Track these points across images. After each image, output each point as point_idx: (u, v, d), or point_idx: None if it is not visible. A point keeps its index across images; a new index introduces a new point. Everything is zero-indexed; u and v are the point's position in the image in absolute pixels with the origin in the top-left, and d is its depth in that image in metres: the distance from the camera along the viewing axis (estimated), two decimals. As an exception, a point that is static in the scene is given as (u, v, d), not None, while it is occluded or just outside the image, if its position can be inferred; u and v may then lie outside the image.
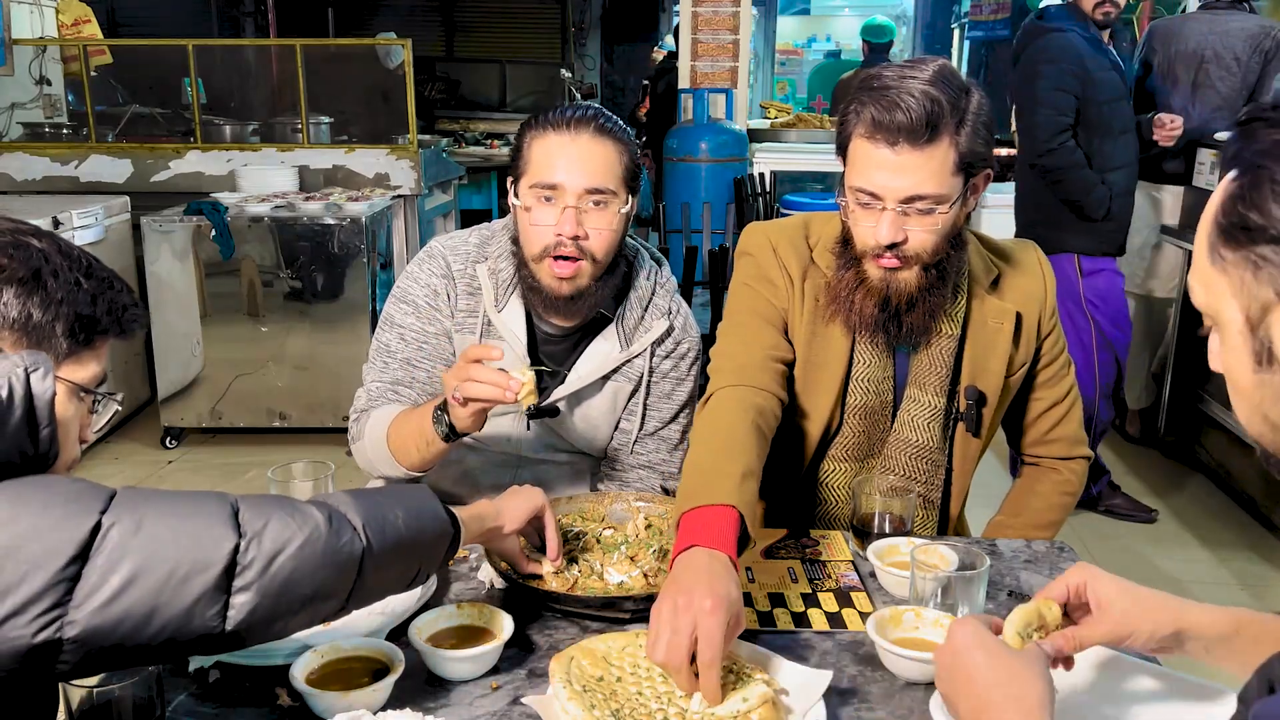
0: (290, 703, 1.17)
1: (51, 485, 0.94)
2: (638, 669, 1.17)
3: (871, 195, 1.47)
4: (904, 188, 1.45)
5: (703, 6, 6.09)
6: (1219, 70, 3.83)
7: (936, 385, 1.62)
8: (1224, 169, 0.79)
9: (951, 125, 1.44)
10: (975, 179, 1.51)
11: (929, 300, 1.54)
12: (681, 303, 1.84)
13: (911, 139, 1.43)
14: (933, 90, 1.42)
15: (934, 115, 1.42)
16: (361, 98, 5.75)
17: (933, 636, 1.26)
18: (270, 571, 0.97)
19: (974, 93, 1.47)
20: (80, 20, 5.50)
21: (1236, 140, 0.78)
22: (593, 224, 1.62)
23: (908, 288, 1.52)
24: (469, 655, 1.21)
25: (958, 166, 1.46)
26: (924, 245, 1.49)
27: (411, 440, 1.63)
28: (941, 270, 1.53)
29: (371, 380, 1.77)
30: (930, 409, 1.63)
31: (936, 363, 1.62)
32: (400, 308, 1.78)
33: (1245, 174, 0.75)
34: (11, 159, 4.74)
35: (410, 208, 4.77)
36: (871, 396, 1.64)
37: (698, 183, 5.70)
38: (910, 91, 1.42)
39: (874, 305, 1.54)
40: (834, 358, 1.62)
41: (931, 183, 1.45)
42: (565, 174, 1.60)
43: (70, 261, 1.08)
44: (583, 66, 10.75)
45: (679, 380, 1.82)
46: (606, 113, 1.68)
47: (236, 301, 4.20)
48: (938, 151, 1.44)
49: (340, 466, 1.62)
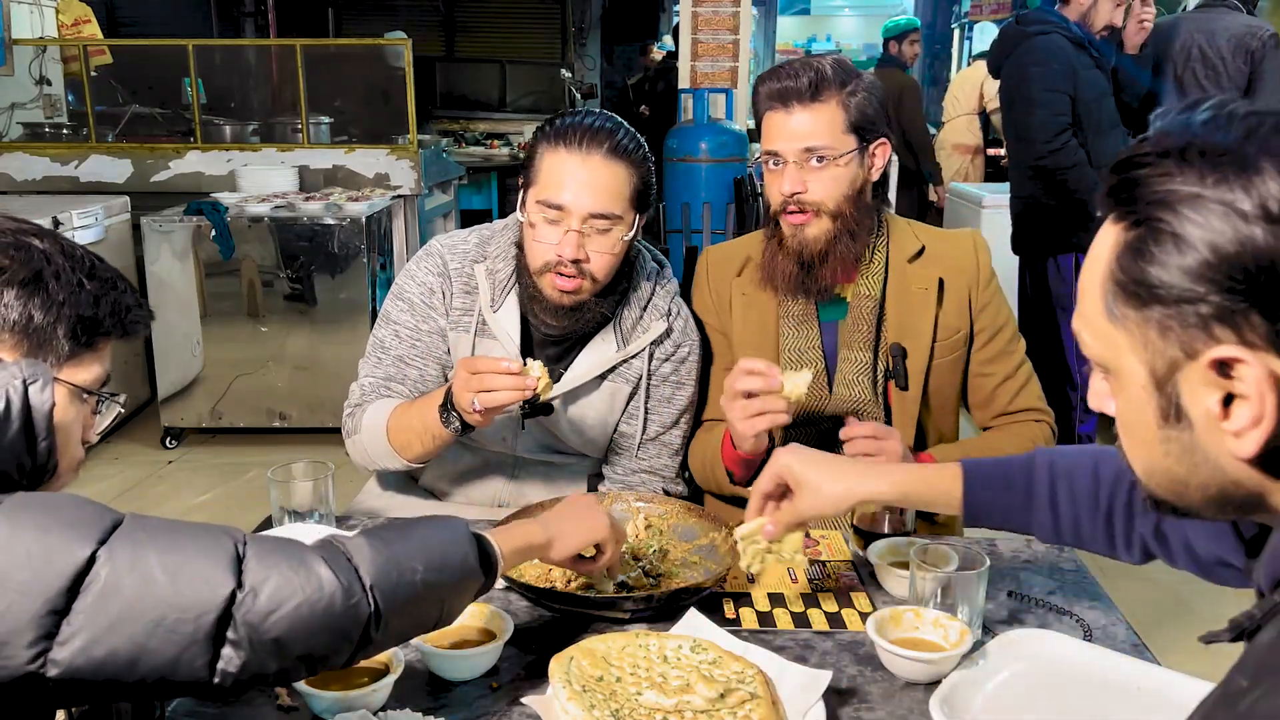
0: (290, 703, 1.17)
1: (52, 508, 0.90)
2: (637, 669, 1.18)
3: (773, 154, 1.70)
4: (798, 139, 1.67)
5: (703, 6, 6.08)
6: (1204, 69, 3.84)
7: (861, 342, 1.76)
8: (1105, 209, 0.76)
9: (836, 90, 1.66)
10: (872, 146, 1.71)
11: (837, 252, 1.70)
12: (682, 305, 1.84)
13: (799, 98, 1.66)
14: (817, 62, 1.68)
15: (817, 79, 1.66)
16: (361, 98, 5.75)
17: (933, 636, 1.26)
18: (263, 629, 0.91)
19: (865, 76, 1.71)
20: (80, 20, 5.50)
21: (1120, 186, 0.74)
22: (594, 247, 1.63)
23: (816, 242, 1.70)
24: (469, 655, 1.21)
25: (848, 126, 1.67)
26: (825, 194, 1.68)
27: (415, 435, 1.63)
28: (847, 225, 1.70)
29: (365, 375, 1.78)
30: (859, 365, 1.77)
31: (860, 323, 1.76)
32: (396, 304, 1.78)
33: (1140, 225, 0.72)
34: (11, 159, 4.74)
35: (410, 208, 4.77)
36: (800, 362, 1.77)
37: (698, 183, 5.69)
38: (800, 66, 1.68)
39: (792, 263, 1.72)
40: (763, 335, 1.81)
41: (822, 135, 1.66)
42: (572, 196, 1.60)
43: (73, 262, 1.06)
44: (583, 66, 10.74)
45: (679, 384, 1.82)
46: (623, 128, 1.66)
47: (236, 301, 4.19)
48: (826, 109, 1.66)
49: (340, 466, 1.62)
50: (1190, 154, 0.70)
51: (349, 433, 1.77)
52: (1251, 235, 0.67)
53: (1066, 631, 1.33)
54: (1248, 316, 0.68)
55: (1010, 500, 1.25)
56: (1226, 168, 0.69)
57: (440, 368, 1.78)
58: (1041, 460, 1.24)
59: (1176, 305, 0.70)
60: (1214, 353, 0.69)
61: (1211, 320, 0.69)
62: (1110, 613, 1.40)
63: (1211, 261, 0.68)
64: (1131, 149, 0.75)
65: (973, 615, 1.29)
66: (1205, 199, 0.69)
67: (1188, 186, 0.70)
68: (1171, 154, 0.71)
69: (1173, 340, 0.71)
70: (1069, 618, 1.39)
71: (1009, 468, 1.27)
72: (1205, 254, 0.68)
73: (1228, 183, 0.68)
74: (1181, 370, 0.72)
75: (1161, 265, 0.70)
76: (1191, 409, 0.73)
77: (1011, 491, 1.25)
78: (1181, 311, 0.70)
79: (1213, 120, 0.72)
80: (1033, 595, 1.44)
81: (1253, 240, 0.67)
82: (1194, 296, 0.69)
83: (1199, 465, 0.75)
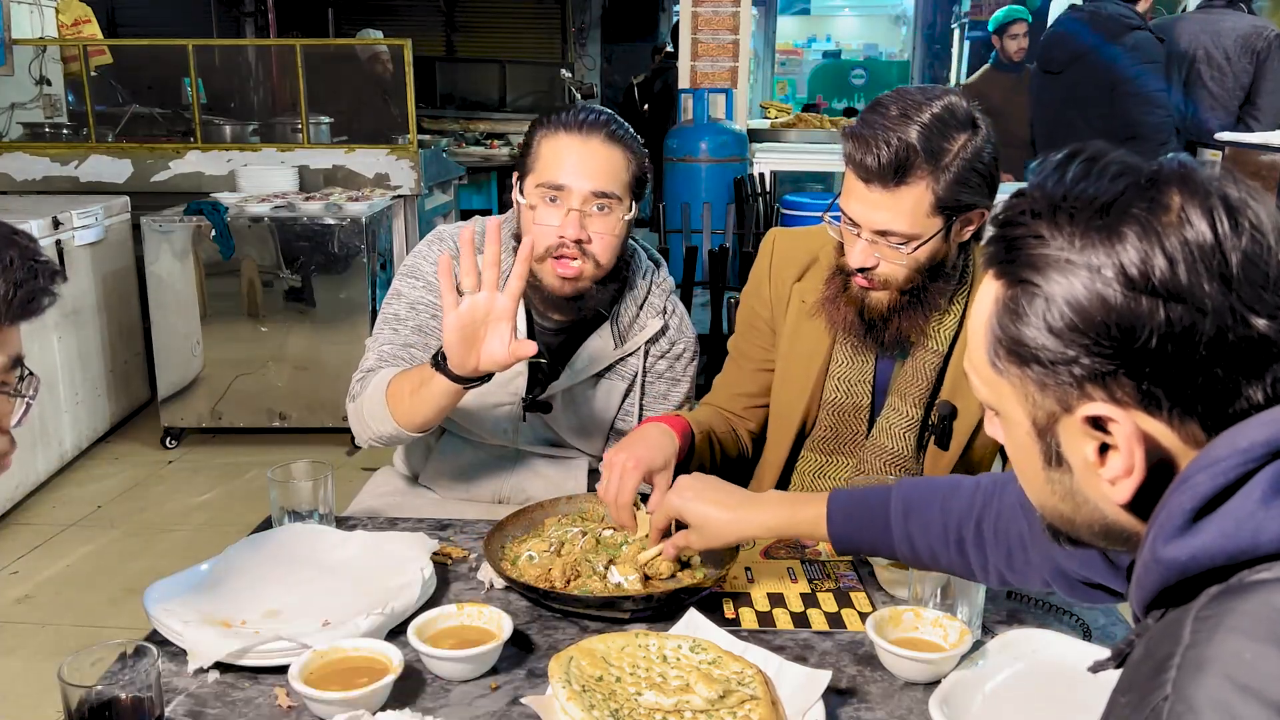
0: (290, 703, 1.17)
1: None
2: (637, 669, 1.17)
3: (849, 219, 1.54)
4: (874, 222, 1.51)
5: (703, 6, 6.08)
6: (1210, 70, 3.83)
7: (916, 397, 1.65)
8: (987, 263, 0.79)
9: (926, 168, 1.46)
10: (966, 216, 1.54)
11: (901, 320, 1.59)
12: (678, 303, 1.84)
13: (881, 180, 1.47)
14: (910, 135, 1.45)
15: (904, 161, 1.45)
16: (361, 98, 5.75)
17: (933, 636, 1.26)
18: None
19: (971, 136, 1.48)
20: (80, 20, 5.50)
21: (996, 245, 0.77)
22: (596, 228, 1.63)
23: (880, 306, 1.59)
24: (468, 655, 1.21)
25: (935, 209, 1.49)
26: (894, 274, 1.55)
27: (408, 385, 1.59)
28: (917, 296, 1.58)
29: (382, 343, 1.75)
30: (907, 419, 1.66)
31: (918, 375, 1.65)
32: (409, 282, 1.77)
33: (1014, 286, 0.75)
34: (11, 159, 4.74)
35: (410, 208, 4.77)
36: (844, 395, 1.69)
37: (698, 183, 5.70)
38: (886, 136, 1.45)
39: (854, 313, 1.61)
40: (814, 354, 1.70)
41: (901, 222, 1.49)
42: (573, 176, 1.61)
43: None
44: (583, 66, 10.76)
45: (674, 381, 1.83)
46: (619, 119, 1.68)
47: (236, 301, 4.19)
48: (911, 193, 1.47)
49: (340, 467, 1.62)
50: (1060, 215, 0.73)
51: (352, 396, 1.73)
52: (1113, 299, 0.70)
53: (1066, 631, 1.33)
54: (1115, 377, 0.72)
55: (873, 530, 1.27)
56: (1092, 231, 0.72)
57: None
58: (898, 493, 1.26)
59: (1051, 366, 0.74)
60: (1086, 410, 0.73)
61: (1084, 380, 0.73)
62: (1110, 613, 1.40)
63: (1077, 324, 0.72)
64: (1008, 206, 0.78)
65: (972, 615, 1.30)
66: (1073, 263, 0.72)
67: (1056, 250, 0.73)
68: (1043, 214, 0.74)
69: (1050, 396, 0.75)
70: (1069, 618, 1.39)
71: (870, 498, 1.28)
72: (1072, 316, 0.72)
73: (1093, 247, 0.71)
74: (1060, 422, 0.76)
75: (1034, 326, 0.74)
76: (1071, 456, 0.77)
77: (872, 522, 1.27)
78: (1056, 371, 0.73)
79: (1085, 177, 0.74)
80: (1032, 595, 1.44)
81: (1114, 304, 0.70)
82: (1066, 358, 0.73)
83: (1081, 506, 0.80)
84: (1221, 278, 0.69)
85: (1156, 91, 3.37)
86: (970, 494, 1.22)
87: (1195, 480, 0.69)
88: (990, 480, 1.23)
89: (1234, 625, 0.64)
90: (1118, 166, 0.74)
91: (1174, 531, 0.69)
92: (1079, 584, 1.11)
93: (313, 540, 1.49)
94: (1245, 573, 0.67)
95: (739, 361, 1.82)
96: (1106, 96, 3.58)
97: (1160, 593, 0.72)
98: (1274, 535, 0.66)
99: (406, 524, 1.66)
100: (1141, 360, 0.70)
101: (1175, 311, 0.69)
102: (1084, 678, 1.21)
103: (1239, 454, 0.68)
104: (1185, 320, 0.69)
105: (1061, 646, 1.26)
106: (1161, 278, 0.69)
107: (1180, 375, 0.71)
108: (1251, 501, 0.67)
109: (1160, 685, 0.64)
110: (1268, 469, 0.67)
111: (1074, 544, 0.85)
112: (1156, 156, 2.62)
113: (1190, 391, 0.71)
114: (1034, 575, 1.17)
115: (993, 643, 1.26)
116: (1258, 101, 3.78)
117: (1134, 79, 3.41)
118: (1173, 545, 0.69)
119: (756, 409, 1.80)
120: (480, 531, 1.58)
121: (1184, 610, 0.68)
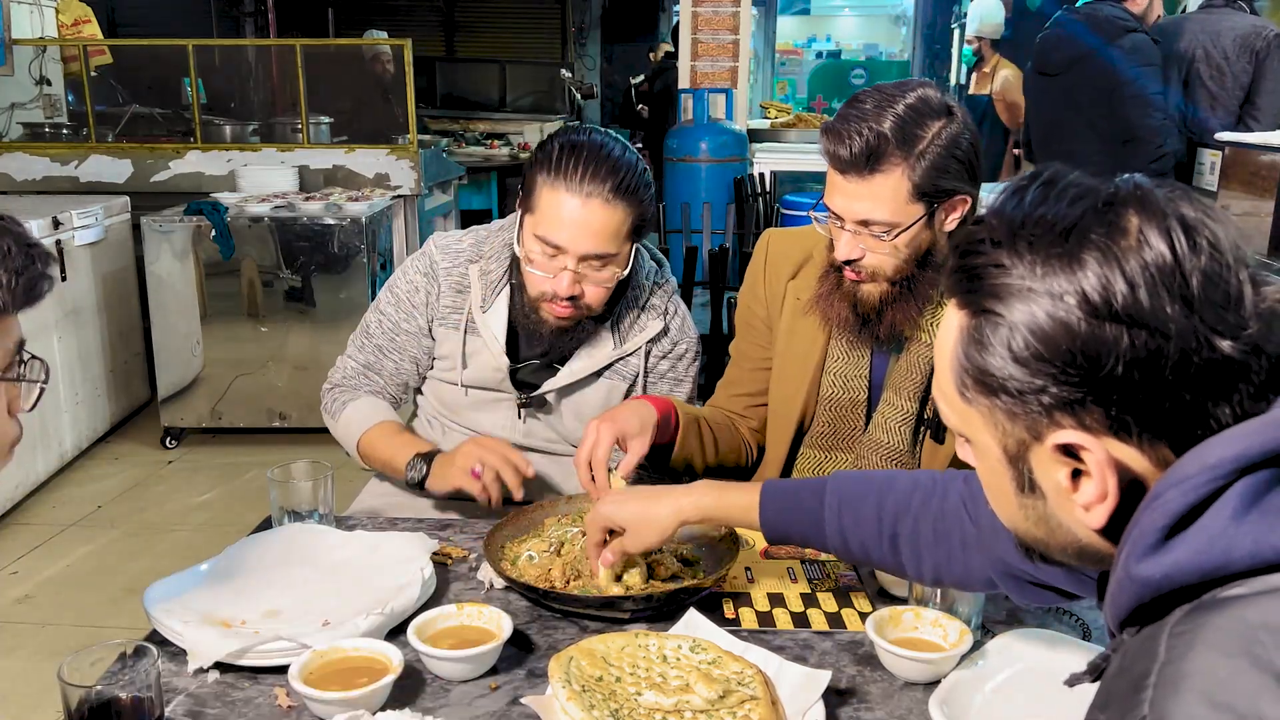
0: (290, 703, 1.17)
1: None
2: (637, 669, 1.18)
3: (833, 214, 1.56)
4: (854, 212, 1.53)
5: (703, 6, 6.08)
6: (1208, 69, 3.82)
7: (911, 390, 1.65)
8: (949, 292, 0.78)
9: (900, 155, 1.48)
10: (949, 203, 1.54)
11: (894, 311, 1.59)
12: (679, 303, 1.84)
13: (855, 169, 1.50)
14: (883, 125, 1.47)
15: (876, 149, 1.47)
16: (361, 98, 5.75)
17: (932, 636, 1.26)
18: None
19: (947, 123, 1.49)
20: (80, 20, 5.50)
21: (957, 275, 0.77)
22: (590, 282, 1.65)
23: (871, 299, 1.59)
24: (468, 655, 1.21)
25: (914, 195, 1.50)
26: (881, 265, 1.56)
27: (382, 465, 1.79)
28: (908, 286, 1.58)
29: (349, 355, 1.87)
30: (903, 413, 1.66)
31: (913, 369, 1.64)
32: (387, 296, 1.85)
33: (977, 316, 0.75)
34: (11, 159, 4.74)
35: (410, 208, 4.77)
36: (841, 391, 1.70)
37: (698, 183, 5.69)
38: (858, 127, 1.48)
39: (847, 308, 1.62)
40: (810, 351, 1.71)
41: (881, 210, 1.51)
42: (570, 239, 1.60)
43: None
44: (583, 66, 10.76)
45: (677, 381, 1.83)
46: (624, 167, 1.60)
47: (236, 301, 4.19)
48: (887, 181, 1.49)
49: (340, 467, 1.63)
50: (1020, 243, 0.73)
51: (325, 409, 1.86)
52: (1076, 326, 0.70)
53: (1066, 631, 1.33)
54: (1084, 404, 0.71)
55: (803, 521, 1.27)
56: (1053, 259, 0.71)
57: (414, 365, 1.84)
58: (833, 485, 1.27)
59: (1019, 395, 0.73)
60: (1056, 438, 0.73)
61: (1052, 408, 0.72)
62: (1110, 613, 1.40)
63: (1042, 353, 0.71)
64: (969, 234, 0.77)
65: (972, 615, 1.29)
66: (1034, 291, 0.71)
67: (1018, 279, 0.72)
68: (1004, 242, 0.74)
69: (1019, 425, 0.75)
70: (1069, 618, 1.39)
71: (803, 490, 1.29)
72: (1036, 345, 0.71)
73: (1054, 274, 0.71)
74: (1031, 449, 0.76)
75: (999, 356, 0.73)
76: (1043, 483, 0.77)
77: (803, 512, 1.27)
78: (1025, 400, 0.73)
79: (1043, 201, 0.74)
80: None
81: (1078, 331, 0.70)
82: (1034, 388, 0.72)
83: (1055, 531, 0.80)
84: (1183, 299, 0.69)
85: (1154, 95, 3.37)
86: (908, 492, 1.21)
87: (1166, 497, 0.69)
88: (930, 478, 1.22)
89: (1209, 641, 0.64)
90: (1075, 190, 0.74)
91: (1147, 549, 0.69)
92: (1029, 585, 1.11)
93: (313, 540, 1.49)
94: (1217, 590, 0.67)
95: (738, 362, 1.83)
96: (1105, 100, 3.57)
97: (1135, 610, 0.72)
98: (1246, 552, 0.66)
99: (406, 524, 1.66)
100: (1109, 387, 0.70)
101: (1139, 337, 0.69)
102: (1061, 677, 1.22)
103: (1208, 470, 0.68)
104: (1150, 345, 0.69)
105: (1061, 647, 1.26)
106: (1124, 303, 0.69)
107: (1148, 401, 0.70)
108: (1223, 519, 0.67)
109: (1138, 705, 0.64)
110: (1237, 485, 0.67)
111: (1047, 563, 0.85)
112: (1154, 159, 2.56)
113: (1159, 416, 0.71)
114: (976, 577, 1.17)
115: (993, 643, 1.26)
116: (1257, 101, 3.78)
117: (1132, 82, 3.40)
118: (1146, 563, 0.69)
119: (758, 408, 1.80)
120: (480, 531, 1.58)
121: (1159, 626, 0.68)
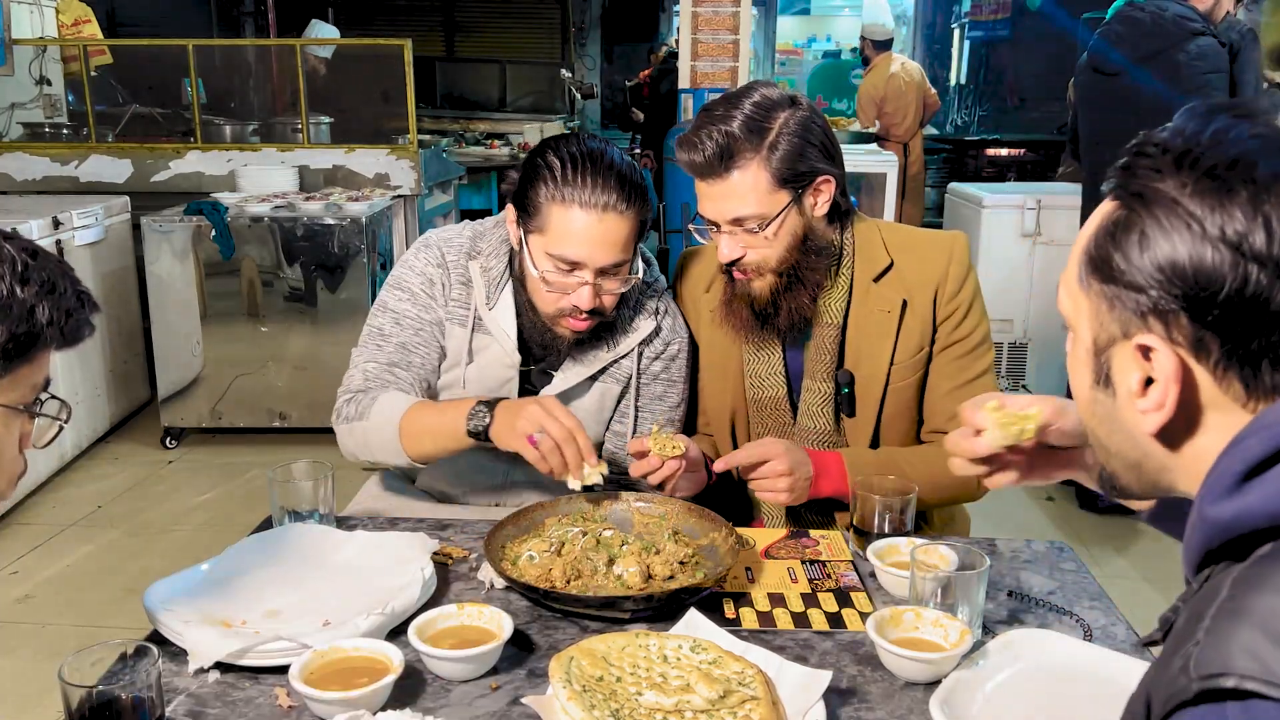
0: (290, 703, 1.17)
1: None
2: (637, 669, 1.17)
3: (708, 221, 1.64)
4: (724, 213, 1.60)
5: (703, 6, 6.08)
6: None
7: (823, 373, 1.73)
8: (1108, 188, 0.81)
9: (752, 149, 1.56)
10: (813, 186, 1.61)
11: (787, 301, 1.66)
12: (670, 303, 1.84)
13: (712, 171, 1.58)
14: (731, 125, 1.55)
15: (726, 148, 1.56)
16: (361, 98, 5.75)
17: (933, 636, 1.26)
18: None
19: (794, 112, 1.58)
20: (80, 20, 5.50)
21: (1122, 169, 0.80)
22: (607, 289, 1.66)
23: (764, 294, 1.66)
24: (469, 655, 1.21)
25: (775, 183, 1.58)
26: (763, 259, 1.63)
27: (429, 434, 1.63)
28: (797, 273, 1.64)
29: (366, 361, 1.76)
30: (821, 396, 1.73)
31: (822, 352, 1.72)
32: (395, 294, 1.78)
33: (1121, 210, 0.78)
34: (11, 159, 4.74)
35: (410, 208, 4.77)
36: (761, 390, 1.76)
37: (698, 183, 5.69)
38: (708, 132, 1.56)
39: (746, 310, 1.69)
40: (727, 358, 1.79)
41: (746, 205, 1.58)
42: (589, 254, 1.61)
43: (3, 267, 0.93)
44: (583, 66, 10.76)
45: (670, 383, 1.82)
46: (626, 169, 1.63)
47: (236, 301, 4.19)
48: (744, 176, 1.57)
49: (340, 467, 1.63)
50: (1186, 160, 0.75)
51: (347, 418, 1.72)
52: (1205, 255, 0.73)
53: (1066, 631, 1.33)
54: (1177, 316, 0.75)
55: None
56: (1209, 186, 0.73)
57: (439, 356, 1.78)
58: None
59: (1126, 289, 0.77)
60: (1141, 339, 0.77)
61: (1149, 312, 0.76)
62: (1110, 613, 1.40)
63: (1163, 265, 0.74)
64: (1148, 135, 0.80)
65: (972, 615, 1.29)
66: (1180, 207, 0.74)
67: (1170, 190, 0.75)
68: (1172, 152, 0.76)
69: (1115, 318, 0.79)
70: (1069, 618, 1.39)
71: None
72: (1160, 257, 0.75)
73: (1203, 199, 0.73)
74: (1116, 345, 0.80)
75: (1124, 252, 0.77)
76: (1117, 381, 0.81)
77: None
78: (1128, 296, 0.77)
79: (1222, 130, 0.76)
80: (1033, 595, 1.44)
81: (1205, 259, 0.73)
82: (1140, 286, 0.76)
83: (1114, 432, 0.84)
84: None
85: None
86: None
87: (1247, 444, 0.71)
88: None
89: (1275, 584, 0.65)
90: (1261, 128, 0.76)
91: (1222, 492, 0.71)
92: None
93: (313, 540, 1.49)
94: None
95: None
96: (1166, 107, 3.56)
97: (1206, 553, 0.73)
98: None
99: (406, 524, 1.66)
100: (1206, 308, 0.73)
101: (1254, 274, 0.71)
102: (1084, 677, 1.22)
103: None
104: (1261, 284, 0.71)
105: (1062, 646, 1.26)
106: (1255, 247, 0.71)
107: (1239, 333, 0.73)
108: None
109: (1192, 633, 0.66)
110: None
111: (1118, 492, 0.88)
112: None
113: (1242, 350, 0.73)
114: None
115: (993, 643, 1.26)
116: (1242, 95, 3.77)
117: (1197, 90, 3.33)
118: (1218, 505, 0.71)
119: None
120: (480, 531, 1.58)
121: (1225, 573, 0.70)
